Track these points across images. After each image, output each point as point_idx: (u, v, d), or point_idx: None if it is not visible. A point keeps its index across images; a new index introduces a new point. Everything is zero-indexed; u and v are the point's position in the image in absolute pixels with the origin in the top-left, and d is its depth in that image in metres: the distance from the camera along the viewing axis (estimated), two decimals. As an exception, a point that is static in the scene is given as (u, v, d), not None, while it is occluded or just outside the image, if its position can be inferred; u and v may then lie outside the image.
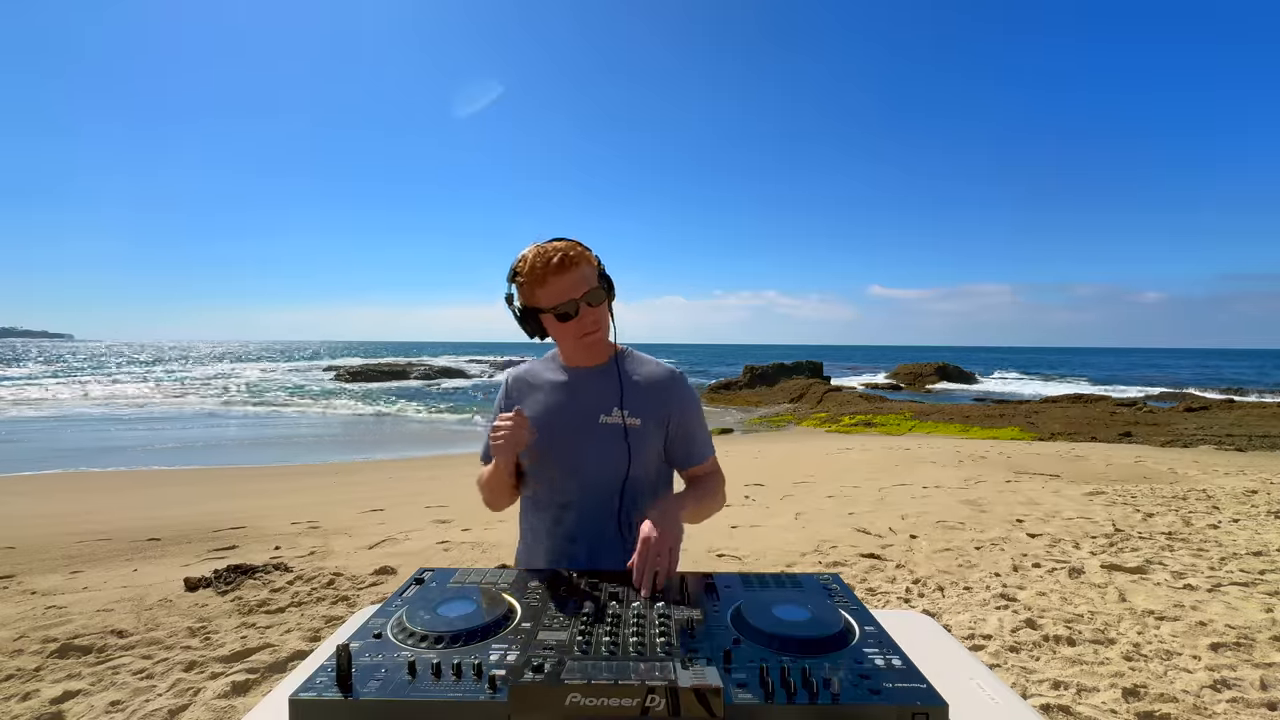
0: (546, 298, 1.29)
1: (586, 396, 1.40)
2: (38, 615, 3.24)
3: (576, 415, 1.38)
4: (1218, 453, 11.47)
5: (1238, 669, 2.63)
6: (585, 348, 1.37)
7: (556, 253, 1.27)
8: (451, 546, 4.79)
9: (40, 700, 2.40)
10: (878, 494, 6.84)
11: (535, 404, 1.42)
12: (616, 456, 1.35)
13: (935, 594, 3.59)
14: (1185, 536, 4.70)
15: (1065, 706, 2.35)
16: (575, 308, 1.29)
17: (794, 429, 18.11)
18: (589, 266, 1.31)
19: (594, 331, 1.33)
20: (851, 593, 1.13)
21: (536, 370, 1.48)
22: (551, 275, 1.27)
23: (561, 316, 1.30)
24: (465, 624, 0.95)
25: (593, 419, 1.37)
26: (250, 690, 2.52)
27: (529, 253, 1.30)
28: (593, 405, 1.38)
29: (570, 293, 1.28)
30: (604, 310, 1.35)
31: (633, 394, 1.39)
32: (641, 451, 1.37)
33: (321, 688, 0.79)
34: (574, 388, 1.41)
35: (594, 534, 1.38)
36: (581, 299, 1.29)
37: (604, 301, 1.34)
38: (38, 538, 5.34)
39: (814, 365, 28.83)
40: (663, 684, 0.76)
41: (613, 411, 1.37)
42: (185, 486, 9.08)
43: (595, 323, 1.33)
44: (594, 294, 1.30)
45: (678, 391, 1.41)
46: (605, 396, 1.38)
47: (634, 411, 1.37)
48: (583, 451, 1.37)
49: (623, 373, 1.40)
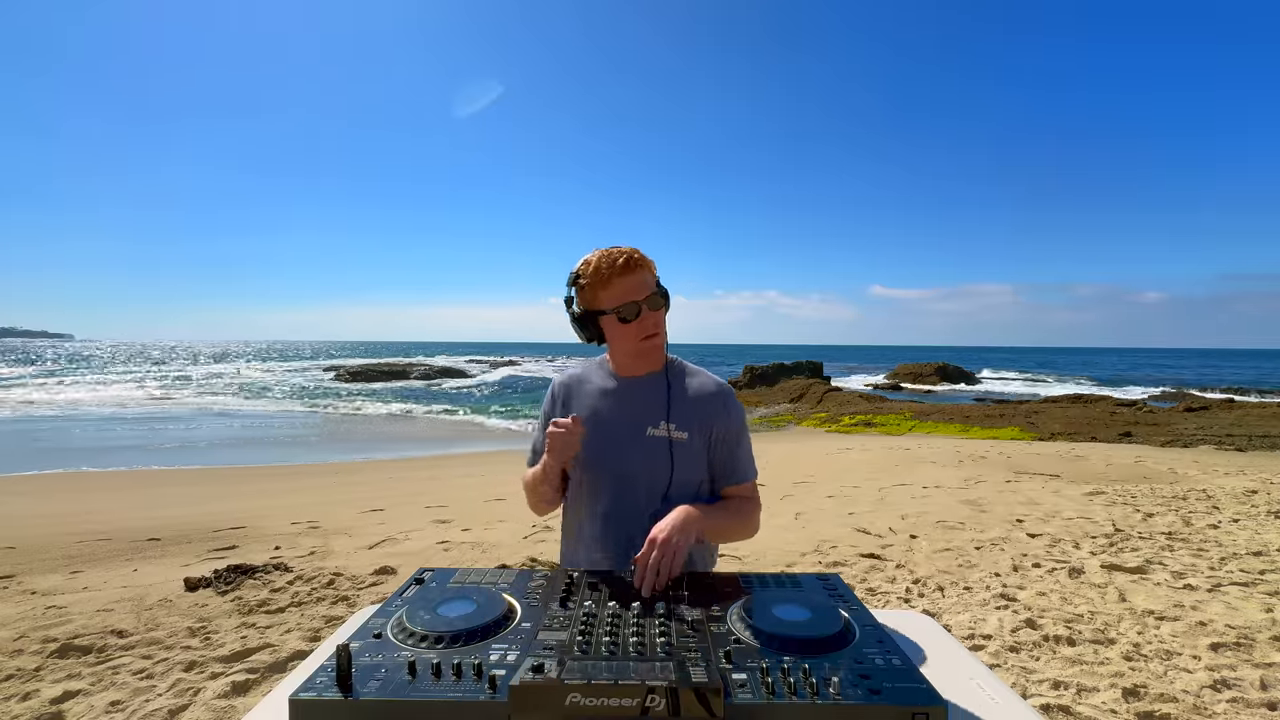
0: (609, 299, 1.31)
1: (635, 406, 1.39)
2: (38, 615, 3.24)
3: (623, 425, 1.38)
4: (1218, 453, 11.47)
5: (1238, 669, 2.63)
6: (643, 353, 1.36)
7: (622, 255, 1.29)
8: (451, 546, 4.79)
9: (40, 700, 2.40)
10: (878, 494, 6.84)
11: (582, 409, 1.41)
12: (660, 469, 1.34)
13: (935, 594, 3.59)
14: (1185, 536, 4.70)
15: (1065, 706, 2.35)
16: (637, 310, 1.30)
17: (794, 429, 18.11)
18: (650, 273, 1.34)
19: (653, 335, 1.33)
20: (851, 593, 1.13)
21: (586, 375, 1.47)
22: (616, 276, 1.29)
23: (623, 318, 1.31)
24: (465, 624, 0.95)
25: (640, 430, 1.37)
26: (250, 690, 2.52)
27: (593, 256, 1.32)
28: (640, 415, 1.37)
29: (633, 294, 1.30)
30: (664, 318, 1.35)
31: (680, 406, 1.38)
32: (685, 466, 1.36)
33: (321, 688, 0.79)
34: (623, 396, 1.40)
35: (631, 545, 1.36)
36: (644, 301, 1.30)
37: (663, 308, 1.34)
38: (38, 538, 5.34)
39: (814, 365, 28.82)
40: (663, 684, 0.76)
41: (659, 424, 1.36)
42: (185, 486, 9.08)
43: (655, 326, 1.33)
44: (655, 299, 1.32)
45: (725, 407, 1.40)
46: (653, 407, 1.38)
47: (681, 425, 1.36)
48: (627, 462, 1.36)
49: (672, 384, 1.40)
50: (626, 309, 1.30)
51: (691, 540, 1.19)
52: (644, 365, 1.40)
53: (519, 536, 5.00)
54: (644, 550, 1.13)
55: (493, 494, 7.58)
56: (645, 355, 1.37)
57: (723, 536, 1.38)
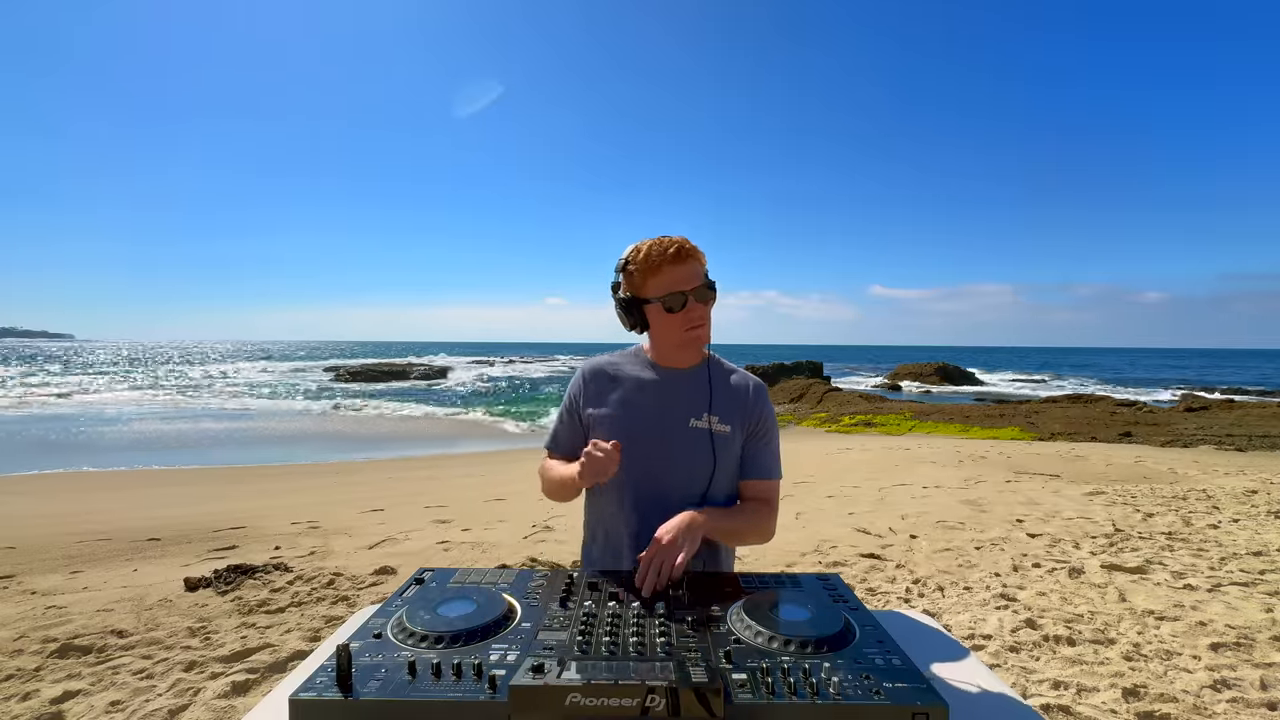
0: (657, 287, 1.29)
1: (676, 398, 1.37)
2: (38, 615, 3.24)
3: (665, 416, 1.35)
4: (1218, 453, 11.47)
5: (1238, 669, 2.63)
6: (686, 344, 1.34)
7: (673, 245, 1.28)
8: (451, 546, 4.79)
9: (40, 700, 2.40)
10: (878, 494, 6.84)
11: (619, 400, 1.38)
12: (702, 463, 1.33)
13: (935, 594, 3.59)
14: (1185, 536, 4.70)
15: (1065, 706, 2.35)
16: (684, 300, 1.29)
17: (794, 429, 18.11)
18: (700, 264, 1.32)
19: (699, 326, 1.32)
20: (851, 593, 1.13)
21: (619, 364, 1.44)
22: (667, 264, 1.28)
23: (669, 308, 1.30)
24: (465, 624, 0.95)
25: (683, 422, 1.35)
26: (250, 690, 2.51)
27: (644, 244, 1.31)
28: (683, 407, 1.36)
29: (682, 284, 1.28)
30: (709, 311, 1.34)
31: (723, 399, 1.36)
32: (726, 460, 1.35)
33: (321, 688, 0.79)
34: (664, 387, 1.38)
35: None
36: (691, 292, 1.29)
37: (710, 300, 1.33)
38: (38, 538, 5.34)
39: (814, 365, 28.82)
40: (663, 684, 0.76)
41: (703, 416, 1.34)
42: (185, 486, 9.08)
43: (701, 318, 1.32)
44: (703, 290, 1.30)
45: (763, 403, 1.40)
46: (695, 400, 1.36)
47: (724, 417, 1.35)
48: (669, 454, 1.33)
49: (714, 377, 1.38)
50: (673, 299, 1.29)
51: (697, 543, 1.17)
52: (686, 357, 1.39)
53: (519, 536, 5.00)
54: (648, 550, 1.13)
55: (493, 494, 7.58)
56: (689, 346, 1.35)
57: (734, 539, 1.36)
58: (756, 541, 1.38)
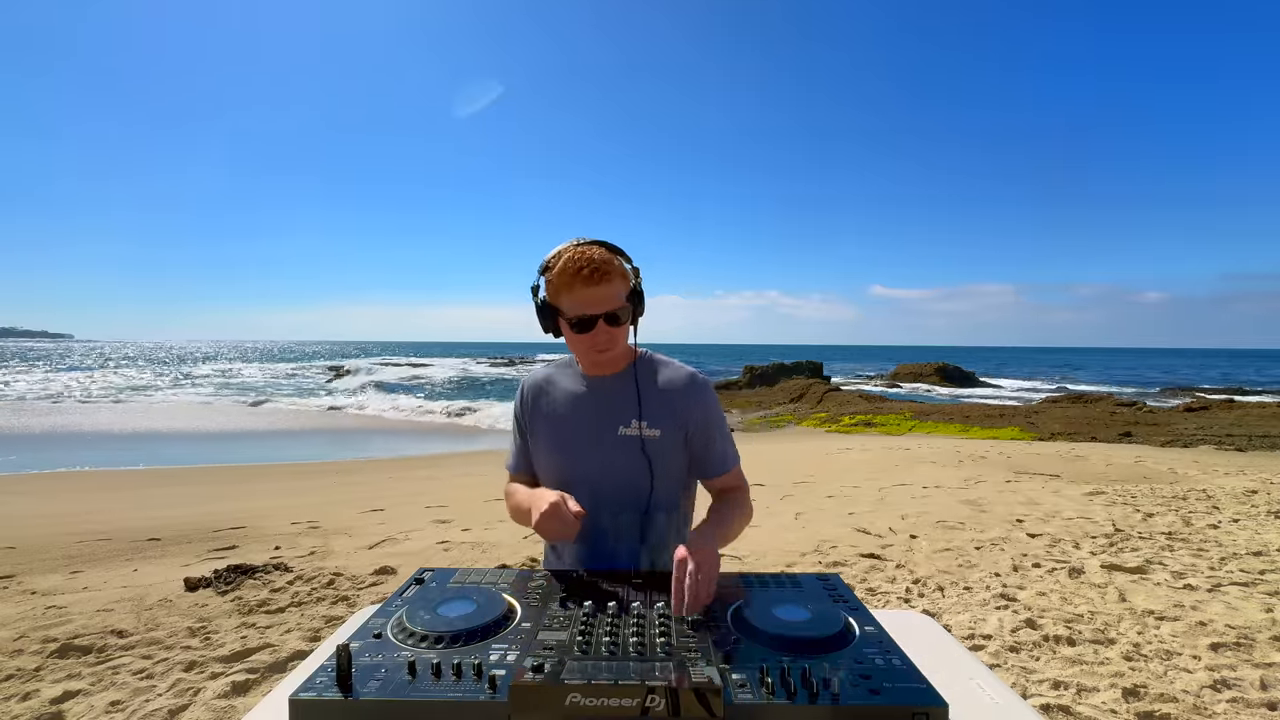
0: (568, 305, 1.25)
1: (604, 407, 1.34)
2: (38, 615, 3.24)
3: (594, 427, 1.33)
4: (1218, 453, 11.47)
5: (1238, 669, 2.63)
6: (596, 364, 1.34)
7: (589, 264, 1.22)
8: (451, 546, 4.79)
9: (40, 700, 2.40)
10: (878, 494, 6.84)
11: (552, 415, 1.38)
12: (637, 470, 1.30)
13: (935, 594, 3.59)
14: (1185, 536, 4.70)
15: (1065, 706, 2.35)
16: (593, 323, 1.24)
17: (794, 429, 18.11)
18: (621, 282, 1.26)
19: (605, 350, 1.29)
20: (851, 593, 1.13)
21: (553, 378, 1.42)
22: (579, 285, 1.22)
23: (576, 327, 1.26)
24: (465, 624, 0.95)
25: (610, 431, 1.32)
26: (250, 690, 2.51)
27: (565, 251, 1.25)
28: (610, 416, 1.32)
29: (591, 308, 1.23)
30: (623, 331, 1.29)
31: (652, 402, 1.32)
32: (663, 465, 1.31)
33: (321, 688, 0.79)
34: (591, 398, 1.35)
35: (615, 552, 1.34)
36: (601, 315, 1.24)
37: (624, 323, 1.28)
38: (38, 538, 5.34)
39: (814, 365, 28.82)
40: (663, 684, 0.76)
41: (631, 423, 1.31)
42: (185, 486, 9.08)
43: (609, 342, 1.27)
44: (614, 315, 1.25)
45: (697, 396, 1.35)
46: (623, 407, 1.32)
47: (653, 422, 1.31)
48: (601, 466, 1.32)
49: (641, 380, 1.34)
50: (581, 322, 1.25)
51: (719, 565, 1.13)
52: (606, 367, 1.36)
53: (519, 536, 5.00)
54: (677, 571, 1.05)
55: (493, 494, 7.58)
56: (599, 366, 1.34)
57: (731, 539, 1.34)
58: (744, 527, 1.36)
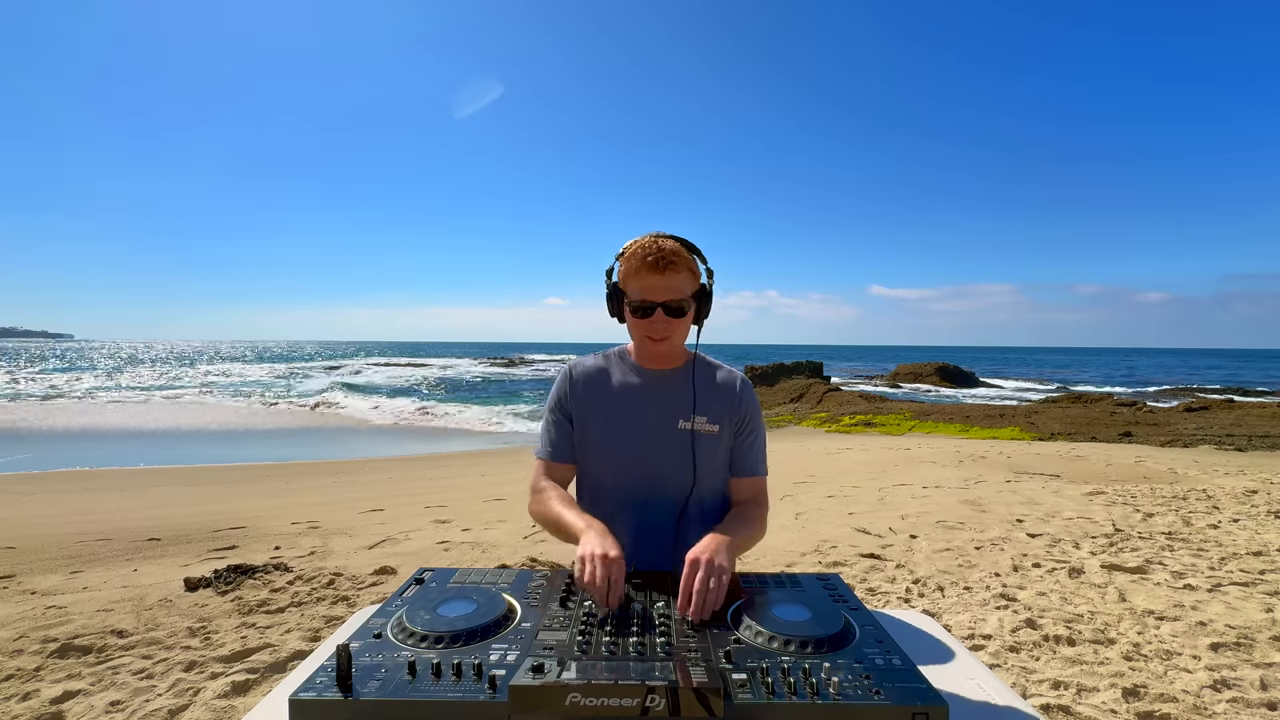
0: (633, 290, 1.30)
1: (663, 401, 1.37)
2: (38, 615, 3.24)
3: (652, 420, 1.36)
4: (1218, 453, 11.47)
5: (1238, 669, 2.63)
6: (650, 352, 1.35)
7: (659, 253, 1.27)
8: (451, 546, 4.79)
9: (40, 700, 2.40)
10: (878, 494, 6.84)
11: (607, 404, 1.39)
12: (689, 465, 1.33)
13: (935, 594, 3.59)
14: (1185, 536, 4.70)
15: (1065, 706, 2.35)
16: (652, 310, 1.29)
17: (794, 429, 18.11)
18: (688, 276, 1.30)
19: (660, 339, 1.31)
20: (851, 593, 1.13)
21: (605, 368, 1.43)
22: (645, 271, 1.28)
23: (635, 313, 1.31)
24: (465, 624, 0.95)
25: (670, 424, 1.35)
26: (250, 690, 2.51)
27: (641, 240, 1.31)
28: (670, 410, 1.36)
29: (653, 295, 1.28)
30: (682, 324, 1.32)
31: (707, 399, 1.37)
32: (712, 460, 1.35)
33: (321, 688, 0.80)
34: (649, 391, 1.38)
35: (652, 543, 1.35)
36: (661, 304, 1.28)
37: (685, 316, 1.31)
38: (38, 538, 5.33)
39: (814, 365, 28.83)
40: (663, 684, 0.76)
41: (690, 417, 1.35)
42: (185, 486, 9.08)
43: (665, 330, 1.30)
44: (675, 307, 1.29)
45: (747, 398, 1.41)
46: (681, 401, 1.37)
47: (711, 418, 1.36)
48: (657, 458, 1.34)
49: (698, 377, 1.39)
50: (641, 306, 1.29)
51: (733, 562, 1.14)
52: (661, 361, 1.39)
53: (519, 536, 5.00)
54: (687, 572, 1.05)
55: (493, 494, 7.58)
56: (653, 355, 1.37)
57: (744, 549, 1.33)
58: (757, 541, 1.37)
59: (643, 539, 1.36)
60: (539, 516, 1.37)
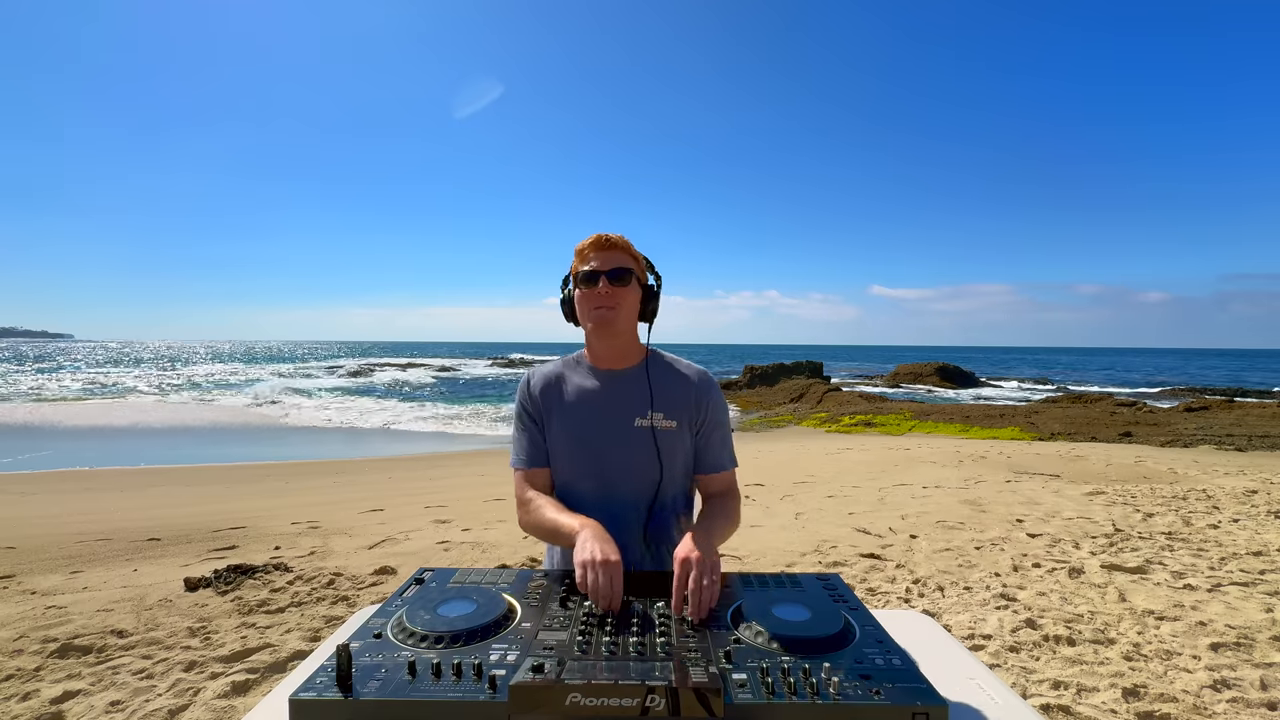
0: (579, 268, 1.35)
1: (619, 399, 1.37)
2: (38, 615, 3.24)
3: (610, 420, 1.36)
4: (1218, 453, 11.47)
5: (1238, 669, 2.63)
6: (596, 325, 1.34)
7: (603, 236, 1.35)
8: (451, 546, 4.79)
9: (40, 700, 2.40)
10: (878, 494, 6.84)
11: (565, 407, 1.39)
12: (651, 462, 1.34)
13: (935, 594, 3.59)
14: (1185, 536, 4.70)
15: (1065, 706, 2.35)
16: (596, 279, 1.32)
17: (794, 429, 18.11)
18: (630, 258, 1.36)
19: (605, 307, 1.33)
20: (851, 593, 1.13)
21: (561, 372, 1.44)
22: (589, 249, 1.35)
23: (581, 282, 1.33)
24: (465, 624, 0.95)
25: (627, 423, 1.35)
26: (250, 690, 2.51)
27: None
28: (626, 408, 1.36)
29: (599, 265, 1.33)
30: (626, 295, 1.34)
31: (664, 395, 1.37)
32: (674, 456, 1.36)
33: (321, 688, 0.79)
34: (605, 391, 1.39)
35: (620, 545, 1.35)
36: (605, 272, 1.32)
37: (627, 285, 1.34)
38: (38, 538, 5.34)
39: (814, 365, 28.83)
40: (663, 684, 0.76)
41: (646, 414, 1.36)
42: (185, 486, 9.08)
43: (610, 299, 1.32)
44: (618, 273, 1.33)
45: (707, 392, 1.41)
46: (638, 399, 1.37)
47: (668, 413, 1.36)
48: (617, 457, 1.34)
49: (653, 373, 1.39)
50: (587, 276, 1.33)
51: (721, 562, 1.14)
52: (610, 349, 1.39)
53: (519, 536, 5.00)
54: (679, 573, 1.05)
55: (493, 494, 7.58)
56: (599, 330, 1.35)
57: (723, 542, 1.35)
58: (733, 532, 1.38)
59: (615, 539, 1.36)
60: (532, 528, 1.37)
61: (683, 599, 1.02)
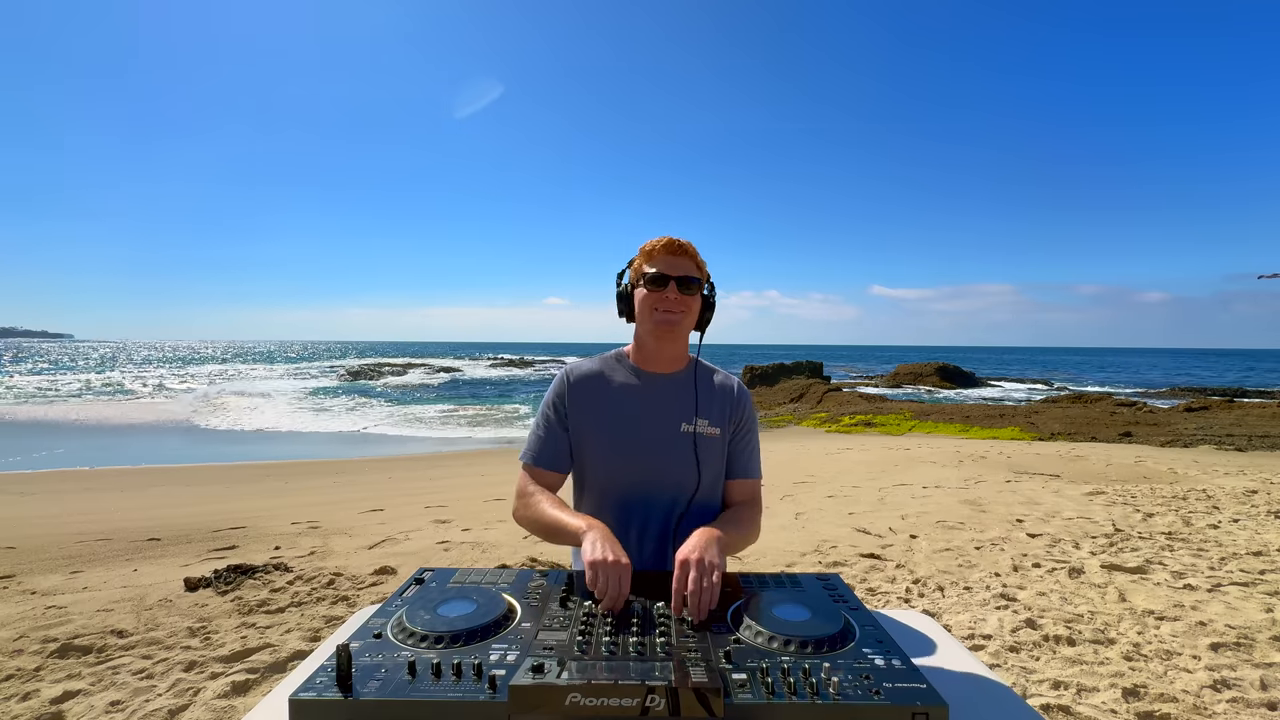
0: (649, 268, 1.34)
1: (664, 403, 1.38)
2: (38, 615, 3.24)
3: (654, 423, 1.36)
4: (1218, 453, 11.47)
5: (1238, 669, 2.63)
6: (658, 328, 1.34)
7: (676, 241, 1.36)
8: (451, 546, 4.79)
9: (40, 700, 2.40)
10: (878, 494, 6.84)
11: (607, 408, 1.38)
12: (688, 468, 1.35)
13: (935, 594, 3.59)
14: (1185, 536, 4.70)
15: (1065, 706, 2.35)
16: (666, 281, 1.32)
17: (794, 429, 18.11)
18: (696, 268, 1.36)
19: (670, 312, 1.33)
20: (851, 593, 1.13)
21: (604, 371, 1.42)
22: (662, 252, 1.34)
23: (649, 284, 1.33)
24: (465, 624, 0.95)
25: (672, 428, 1.36)
26: (250, 690, 2.51)
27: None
28: (671, 413, 1.37)
29: (669, 270, 1.33)
30: (691, 304, 1.35)
31: (708, 402, 1.39)
32: (711, 465, 1.36)
33: (321, 688, 0.79)
34: (650, 394, 1.39)
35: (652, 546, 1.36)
36: (675, 277, 1.32)
37: (694, 296, 1.35)
38: (38, 538, 5.33)
39: (814, 365, 28.82)
40: (663, 684, 0.76)
41: (692, 420, 1.37)
42: (185, 486, 9.08)
43: (677, 304, 1.33)
44: (688, 281, 1.33)
45: (745, 402, 1.44)
46: (683, 404, 1.38)
47: (712, 420, 1.38)
48: (658, 461, 1.35)
49: (699, 380, 1.41)
50: (655, 277, 1.32)
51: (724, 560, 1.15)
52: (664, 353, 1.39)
53: (519, 536, 5.00)
54: (678, 573, 1.04)
55: (493, 494, 7.59)
56: (660, 332, 1.34)
57: (736, 549, 1.34)
58: (749, 544, 1.37)
59: (644, 541, 1.36)
60: (528, 521, 1.35)
61: (682, 600, 1.02)
